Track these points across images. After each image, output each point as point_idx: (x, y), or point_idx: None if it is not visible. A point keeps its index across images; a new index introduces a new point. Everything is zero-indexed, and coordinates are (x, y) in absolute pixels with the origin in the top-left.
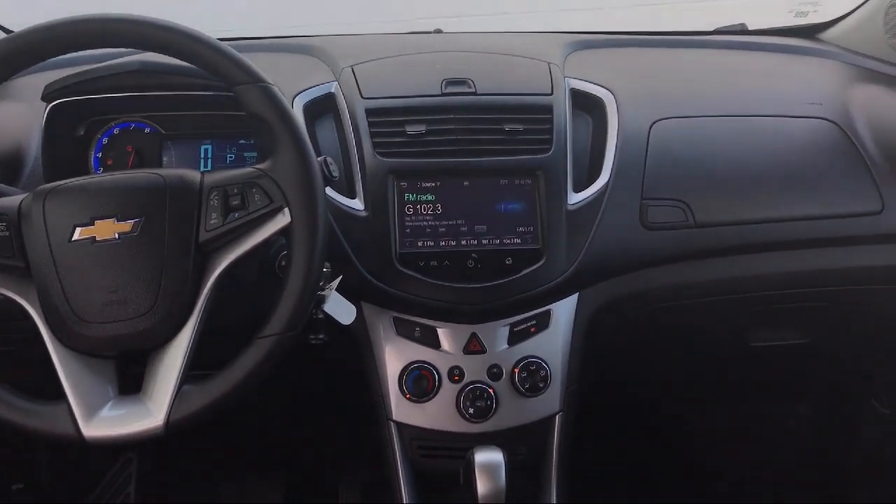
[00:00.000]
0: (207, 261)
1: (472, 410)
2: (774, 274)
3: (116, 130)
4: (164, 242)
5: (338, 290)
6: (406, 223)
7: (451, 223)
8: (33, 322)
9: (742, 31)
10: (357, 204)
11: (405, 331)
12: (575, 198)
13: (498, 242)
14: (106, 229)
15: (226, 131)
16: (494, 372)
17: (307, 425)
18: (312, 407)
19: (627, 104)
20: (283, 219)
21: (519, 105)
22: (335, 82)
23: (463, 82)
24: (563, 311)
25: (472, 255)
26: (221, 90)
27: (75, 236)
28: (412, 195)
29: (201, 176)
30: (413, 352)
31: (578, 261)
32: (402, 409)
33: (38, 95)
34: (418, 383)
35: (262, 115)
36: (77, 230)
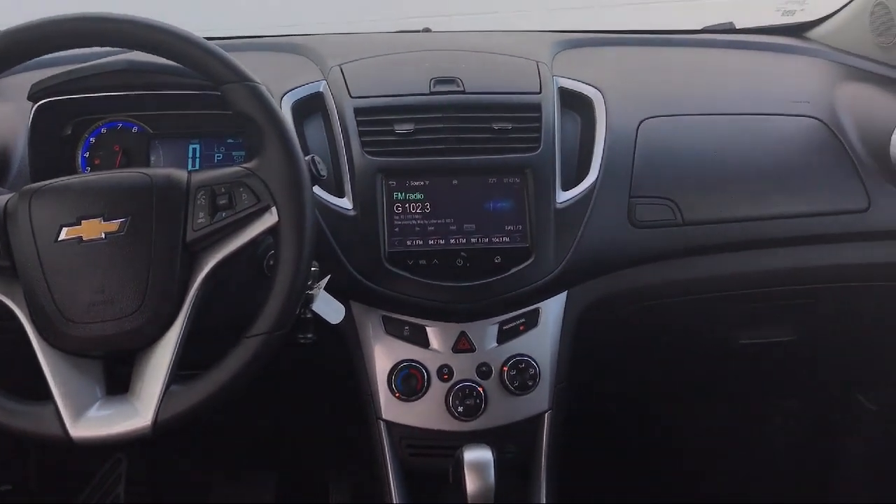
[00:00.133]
0: (195, 260)
1: (461, 409)
2: (762, 271)
3: (104, 130)
4: (151, 242)
5: (326, 289)
6: (395, 222)
7: (440, 222)
8: (19, 322)
9: (730, 29)
10: (346, 203)
11: (394, 330)
12: (563, 196)
13: (487, 241)
14: (92, 229)
15: (214, 130)
16: (483, 370)
17: (297, 425)
18: (303, 406)
19: (615, 103)
20: (270, 218)
21: (507, 104)
22: (323, 81)
23: (451, 81)
24: (552, 309)
25: (460, 253)
26: (209, 89)
27: (62, 236)
28: (401, 194)
29: (188, 175)
30: (402, 351)
31: (567, 259)
32: (391, 408)
33: (24, 95)
34: (407, 382)
35: (248, 114)
36: (63, 230)
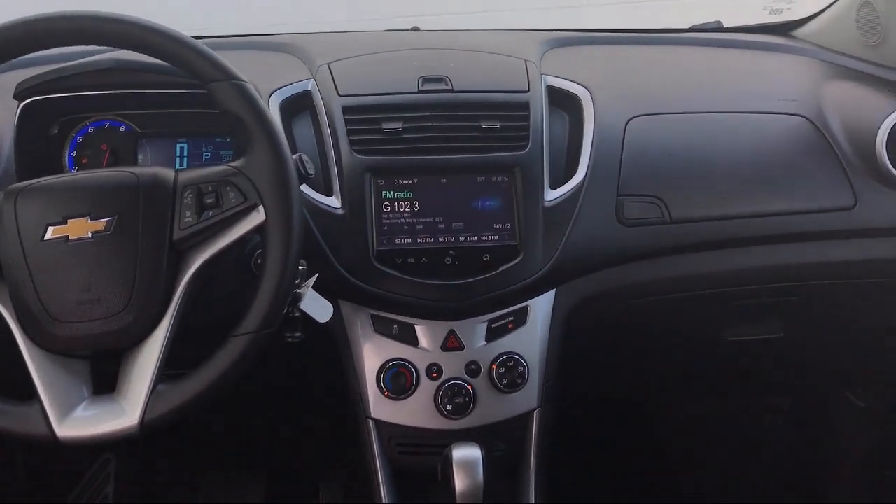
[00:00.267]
0: (182, 259)
1: (450, 407)
2: (749, 269)
3: (91, 129)
4: (138, 241)
5: (315, 287)
6: (383, 221)
7: (429, 220)
8: (5, 322)
9: (717, 28)
10: (334, 202)
11: (383, 328)
12: (552, 194)
13: (475, 239)
14: (79, 228)
15: (202, 129)
16: (472, 368)
17: (287, 424)
18: (292, 405)
19: (603, 101)
20: (257, 216)
21: (496, 102)
22: (312, 80)
23: (440, 80)
24: (541, 307)
25: (449, 252)
26: (196, 88)
27: (48, 235)
28: (389, 192)
29: (175, 174)
30: (391, 349)
31: (555, 257)
32: (380, 407)
33: (9, 94)
34: (396, 381)
35: (235, 112)
36: (50, 229)
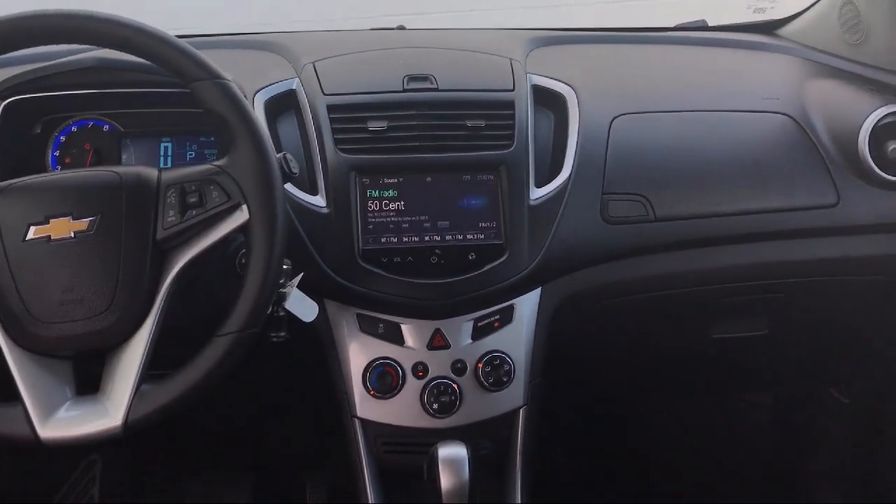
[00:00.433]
0: (165, 259)
1: (436, 406)
2: (733, 266)
3: (74, 128)
4: (121, 241)
5: (300, 287)
6: (369, 219)
7: (414, 219)
8: None
9: (702, 27)
10: (319, 201)
11: (369, 327)
12: (537, 193)
13: (461, 238)
14: (61, 228)
15: (186, 128)
16: (458, 367)
17: (274, 424)
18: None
19: (588, 100)
20: (241, 216)
21: (481, 101)
22: (296, 79)
23: (425, 78)
24: (526, 305)
25: (435, 250)
26: (179, 87)
27: (30, 235)
28: (375, 191)
29: (158, 173)
30: (377, 348)
31: (541, 255)
32: (366, 406)
33: None
34: (382, 380)
35: (219, 112)
36: (31, 229)
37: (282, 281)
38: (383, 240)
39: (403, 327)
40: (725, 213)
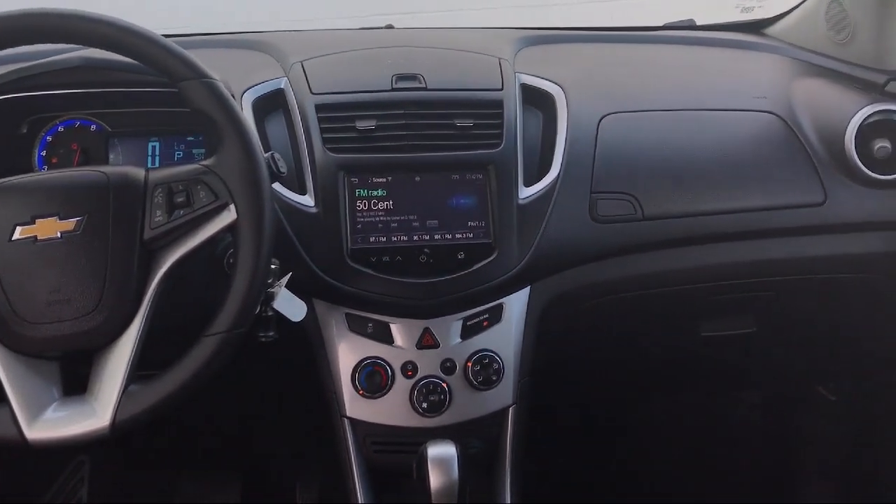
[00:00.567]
0: (153, 259)
1: (425, 405)
2: (722, 264)
3: (61, 128)
4: (108, 241)
5: (288, 286)
6: (357, 219)
7: (403, 218)
8: None
9: (690, 26)
10: (307, 200)
11: (357, 327)
12: (526, 192)
13: (450, 237)
14: (48, 228)
15: (174, 128)
16: (448, 366)
17: (263, 424)
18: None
19: (577, 99)
20: (228, 215)
21: (469, 100)
22: (285, 78)
23: (413, 77)
24: (515, 304)
25: (424, 250)
26: (167, 86)
27: (16, 235)
28: (363, 191)
29: (146, 173)
30: (366, 348)
31: (530, 254)
32: (355, 406)
33: None
34: (371, 379)
35: (206, 111)
36: (18, 229)
37: (270, 281)
38: (372, 239)
39: (392, 327)
40: (713, 211)
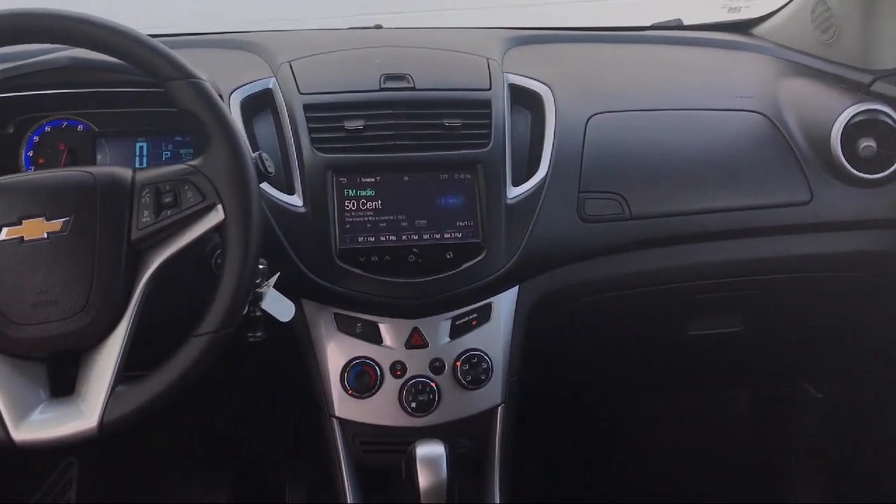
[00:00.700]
0: (140, 259)
1: (414, 405)
2: (709, 263)
3: (48, 128)
4: (95, 241)
5: (276, 287)
6: (346, 219)
7: (392, 218)
8: None
9: (678, 26)
10: (296, 200)
11: (346, 327)
12: (514, 192)
13: (438, 237)
14: (34, 229)
15: (161, 128)
16: (437, 366)
17: (252, 424)
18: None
19: (565, 99)
20: (216, 216)
21: (458, 100)
22: (273, 78)
23: (402, 77)
24: (504, 303)
25: (412, 249)
26: (154, 86)
27: (2, 236)
28: (352, 191)
29: (133, 173)
30: (355, 348)
31: (518, 254)
32: (344, 406)
33: None
34: (360, 379)
35: (193, 111)
36: (4, 230)
37: (258, 281)
38: (360, 239)
39: (381, 326)
40: (701, 210)
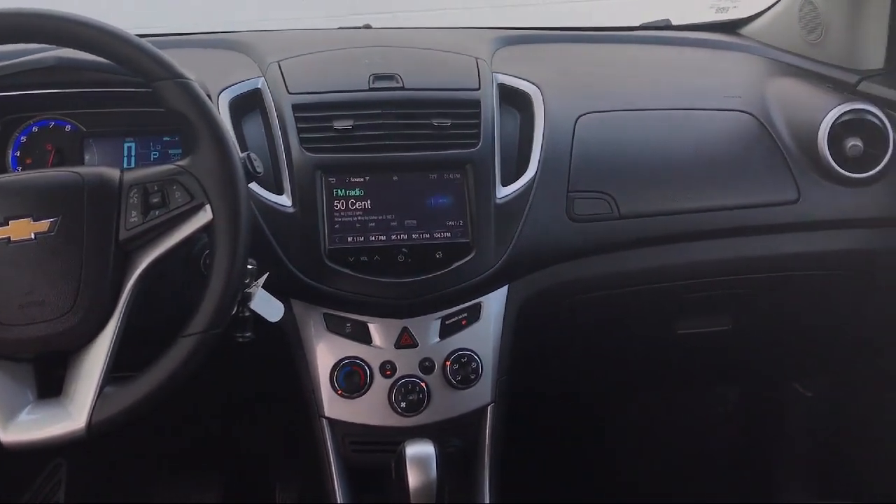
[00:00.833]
0: (128, 260)
1: (404, 404)
2: (697, 262)
3: (35, 129)
4: (83, 242)
5: (266, 287)
6: (335, 219)
7: (381, 218)
8: None
9: (666, 26)
10: (285, 200)
11: (336, 327)
12: (503, 191)
13: (428, 237)
14: (21, 229)
15: (150, 128)
16: (426, 365)
17: (242, 424)
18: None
19: (554, 99)
20: (204, 216)
21: (447, 100)
22: (262, 78)
23: (391, 77)
24: (494, 303)
25: (402, 249)
26: (142, 86)
27: None
28: (341, 191)
29: (120, 173)
30: (344, 348)
31: (507, 253)
32: (334, 406)
33: None
34: (350, 379)
35: (181, 111)
36: None
37: (247, 281)
38: (350, 239)
39: (371, 326)
40: (688, 210)
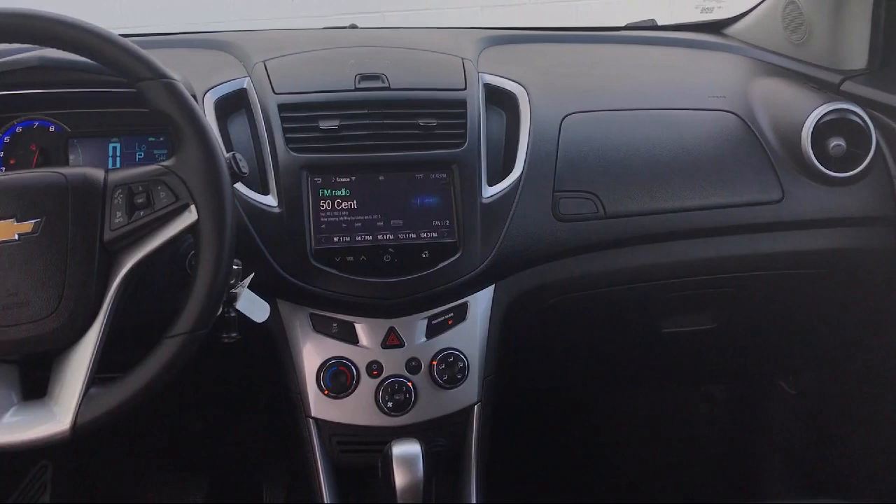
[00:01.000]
0: (113, 260)
1: (390, 404)
2: (682, 262)
3: (19, 129)
4: (67, 243)
5: (251, 287)
6: (321, 219)
7: (367, 218)
8: None
9: (652, 26)
10: (270, 200)
11: (322, 327)
12: (489, 191)
13: (414, 236)
14: (5, 230)
15: (135, 129)
16: (413, 365)
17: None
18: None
19: (540, 99)
20: (189, 216)
21: (433, 100)
22: (247, 78)
23: (377, 77)
24: (480, 302)
25: (388, 249)
26: (126, 86)
27: None
28: (327, 191)
29: (105, 174)
30: (331, 348)
31: (494, 253)
32: (320, 406)
33: None
34: (336, 379)
35: (165, 111)
36: None
37: (232, 282)
38: (336, 239)
39: (357, 326)
40: (674, 209)
